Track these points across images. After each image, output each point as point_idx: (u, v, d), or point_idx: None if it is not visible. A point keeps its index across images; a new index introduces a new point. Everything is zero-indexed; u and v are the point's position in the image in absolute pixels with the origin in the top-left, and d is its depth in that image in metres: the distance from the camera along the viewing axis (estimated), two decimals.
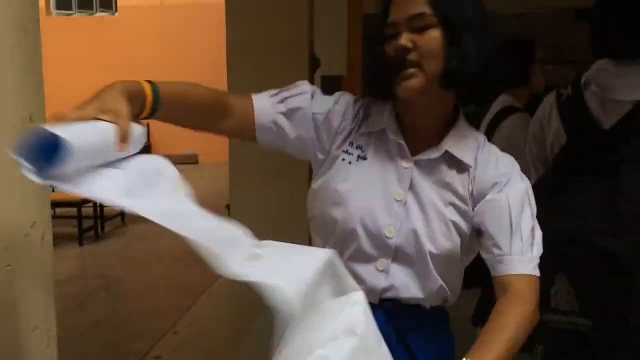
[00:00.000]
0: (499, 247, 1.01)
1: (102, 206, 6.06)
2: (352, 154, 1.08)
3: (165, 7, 12.10)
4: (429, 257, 1.02)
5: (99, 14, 12.84)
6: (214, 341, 3.35)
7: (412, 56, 0.98)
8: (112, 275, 4.64)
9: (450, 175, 1.06)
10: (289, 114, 1.08)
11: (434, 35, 0.99)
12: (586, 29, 1.48)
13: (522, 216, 1.01)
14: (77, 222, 5.46)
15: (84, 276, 4.57)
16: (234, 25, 4.49)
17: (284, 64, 4.34)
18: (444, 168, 1.06)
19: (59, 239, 4.48)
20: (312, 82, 4.56)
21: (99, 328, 3.54)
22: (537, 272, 1.00)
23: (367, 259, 1.05)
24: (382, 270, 1.05)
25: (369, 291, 1.02)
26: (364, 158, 1.07)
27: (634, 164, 1.24)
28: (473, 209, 1.05)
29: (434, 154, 1.05)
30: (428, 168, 1.06)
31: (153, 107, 0.95)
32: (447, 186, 1.05)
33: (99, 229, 5.94)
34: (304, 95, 1.10)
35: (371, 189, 1.05)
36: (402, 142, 1.06)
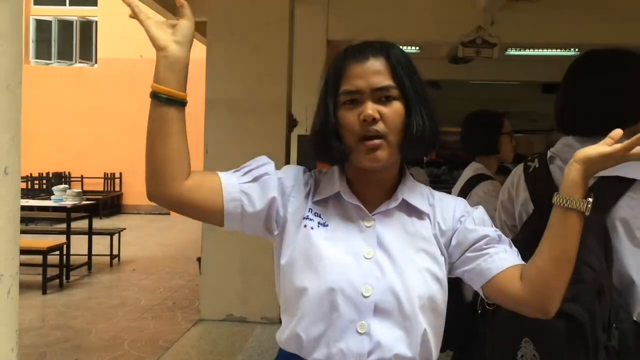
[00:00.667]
0: (493, 244, 1.08)
1: (68, 255, 5.93)
2: (313, 220, 1.09)
3: (146, 60, 12.27)
4: (409, 308, 1.03)
5: (78, 65, 12.91)
6: None
7: (379, 127, 1.03)
8: (75, 326, 4.48)
9: (412, 223, 1.10)
10: (255, 180, 1.10)
11: (398, 107, 1.05)
12: (553, 100, 1.55)
13: (492, 223, 1.12)
14: (42, 270, 5.32)
15: (45, 326, 4.41)
16: (213, 82, 4.59)
17: (262, 123, 4.42)
18: (404, 217, 1.10)
19: (22, 287, 4.34)
20: (289, 140, 4.66)
21: None
22: None
23: (346, 324, 1.03)
24: (363, 333, 1.02)
25: (356, 358, 1.02)
26: (325, 225, 1.09)
27: (593, 237, 1.29)
28: (446, 250, 1.10)
29: (392, 204, 1.10)
30: (389, 220, 1.09)
31: (184, 98, 1.03)
32: (412, 234, 1.09)
33: (64, 277, 5.77)
34: (269, 164, 1.13)
35: (339, 252, 1.06)
36: (359, 203, 1.10)
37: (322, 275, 1.04)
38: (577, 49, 6.47)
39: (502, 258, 1.06)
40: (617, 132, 0.98)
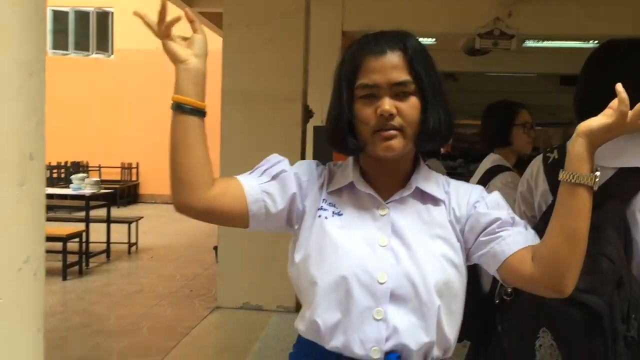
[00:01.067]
0: (506, 227, 1.07)
1: (87, 242, 6.02)
2: (327, 210, 1.11)
3: (161, 51, 12.20)
4: (425, 294, 1.03)
5: (95, 56, 12.99)
6: None
7: (395, 122, 1.04)
8: (95, 311, 4.57)
9: (427, 210, 1.11)
10: (274, 178, 1.11)
11: (415, 102, 1.06)
12: (571, 93, 1.55)
13: (509, 207, 1.11)
14: (62, 256, 5.41)
15: (66, 311, 4.50)
16: (229, 73, 4.61)
17: (277, 114, 4.44)
18: (419, 205, 1.11)
19: None
20: (304, 131, 4.66)
21: None
22: None
23: (362, 311, 1.04)
24: (380, 319, 1.03)
25: (374, 344, 1.03)
26: (340, 214, 1.11)
27: (612, 229, 1.29)
28: (461, 235, 1.10)
29: (406, 192, 1.11)
30: (404, 208, 1.10)
31: (204, 108, 1.06)
32: (427, 221, 1.10)
33: (84, 264, 5.87)
34: (283, 161, 1.14)
35: (354, 240, 1.07)
36: (372, 192, 1.11)
37: (337, 263, 1.05)
38: (596, 41, 6.39)
39: (515, 240, 1.06)
40: (615, 103, 0.99)
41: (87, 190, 6.34)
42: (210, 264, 5.83)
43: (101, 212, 6.73)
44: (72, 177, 6.74)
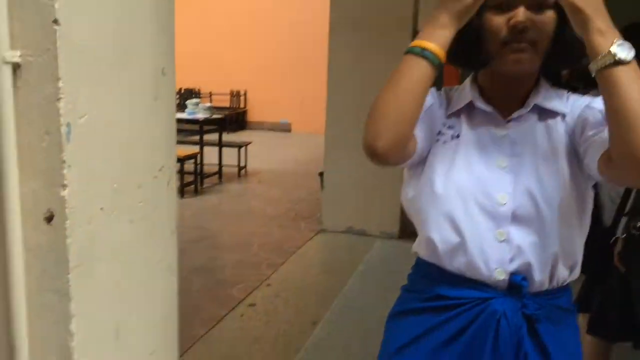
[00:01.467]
0: (599, 129, 0.98)
1: (202, 164, 6.39)
2: (446, 134, 1.09)
3: None
4: (548, 213, 1.00)
5: None
6: (305, 297, 3.49)
7: (529, 35, 0.98)
8: (209, 227, 4.90)
9: (547, 127, 1.06)
10: (425, 113, 1.06)
11: (551, 16, 0.98)
12: None
13: None
14: (180, 176, 5.79)
15: (184, 226, 4.84)
16: (337, 2, 4.53)
17: (386, 40, 4.33)
18: (538, 122, 1.06)
19: None
20: None
21: (198, 273, 3.80)
22: None
23: (483, 233, 1.02)
24: (503, 240, 1.02)
25: (498, 265, 1.02)
26: (457, 136, 1.08)
27: None
28: (578, 148, 1.03)
29: (524, 110, 1.06)
30: (523, 127, 1.06)
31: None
32: (547, 139, 1.05)
33: (199, 184, 6.26)
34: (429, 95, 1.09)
35: (472, 162, 1.05)
36: (492, 110, 1.07)
37: (455, 185, 1.04)
38: None
39: (603, 138, 0.95)
40: None
41: (200, 115, 6.65)
42: (315, 189, 6.00)
43: (213, 137, 7.06)
44: (187, 102, 7.06)
